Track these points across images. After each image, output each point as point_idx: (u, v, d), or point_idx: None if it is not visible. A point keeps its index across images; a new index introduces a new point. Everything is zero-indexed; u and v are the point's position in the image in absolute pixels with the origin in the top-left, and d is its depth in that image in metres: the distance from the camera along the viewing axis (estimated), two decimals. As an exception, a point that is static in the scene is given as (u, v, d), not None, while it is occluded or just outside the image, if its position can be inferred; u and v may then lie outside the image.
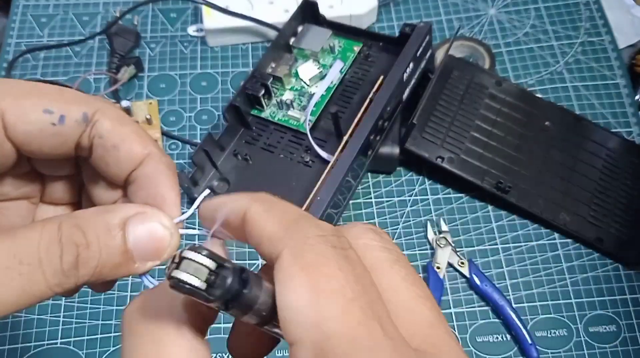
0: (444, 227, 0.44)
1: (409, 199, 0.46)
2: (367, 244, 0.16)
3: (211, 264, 0.14)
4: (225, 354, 0.40)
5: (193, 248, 0.14)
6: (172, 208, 0.18)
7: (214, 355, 0.40)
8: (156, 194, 0.18)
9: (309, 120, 0.45)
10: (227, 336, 0.18)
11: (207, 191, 0.22)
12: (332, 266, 0.13)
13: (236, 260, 0.16)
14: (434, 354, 0.14)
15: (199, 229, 0.18)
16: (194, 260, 0.13)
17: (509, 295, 0.42)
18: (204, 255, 0.14)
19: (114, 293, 0.42)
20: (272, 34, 0.53)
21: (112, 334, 0.41)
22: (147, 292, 0.16)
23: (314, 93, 0.46)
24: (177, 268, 0.14)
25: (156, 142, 0.19)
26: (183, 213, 0.18)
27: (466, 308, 0.42)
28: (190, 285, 0.13)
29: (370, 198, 0.46)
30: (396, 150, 0.45)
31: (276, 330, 0.15)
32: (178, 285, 0.13)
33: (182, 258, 0.14)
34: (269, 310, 0.14)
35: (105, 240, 0.16)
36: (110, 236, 0.16)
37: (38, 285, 0.15)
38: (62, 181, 0.21)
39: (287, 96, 0.47)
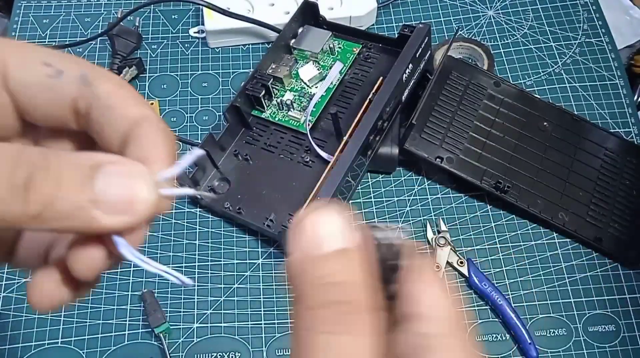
0: (443, 227, 0.44)
1: (409, 199, 0.46)
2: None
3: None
4: (227, 353, 0.40)
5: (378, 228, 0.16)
6: (159, 165, 0.16)
7: (215, 354, 0.40)
8: (147, 155, 0.16)
9: (309, 120, 0.45)
10: (232, 336, 0.18)
11: (201, 152, 0.20)
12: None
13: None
14: None
15: (183, 187, 0.16)
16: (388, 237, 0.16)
17: (508, 295, 0.42)
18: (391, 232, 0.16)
19: (114, 293, 0.42)
20: (273, 35, 0.53)
21: (113, 333, 0.41)
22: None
23: (314, 94, 0.46)
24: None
25: (150, 107, 0.18)
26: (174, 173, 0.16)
27: (465, 307, 0.42)
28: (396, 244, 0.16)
29: (370, 198, 0.47)
30: (395, 150, 0.45)
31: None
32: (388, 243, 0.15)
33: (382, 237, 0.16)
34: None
35: (68, 174, 0.14)
36: (75, 172, 0.15)
37: None
38: (59, 139, 0.20)
39: (288, 96, 0.47)
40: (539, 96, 0.49)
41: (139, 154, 0.16)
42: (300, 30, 0.50)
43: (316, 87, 0.47)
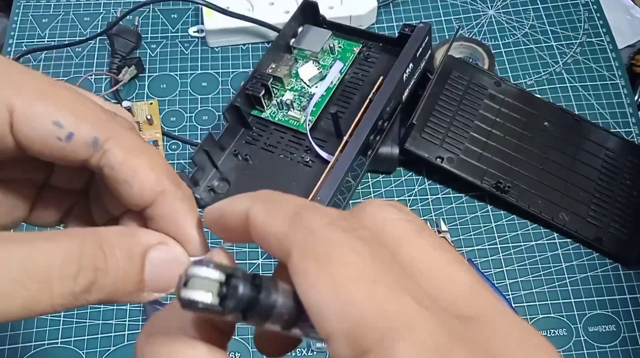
0: (444, 227, 0.44)
1: (409, 199, 0.46)
2: (387, 218, 0.15)
3: (220, 276, 0.13)
4: (237, 353, 0.40)
5: (199, 263, 0.13)
6: (193, 246, 0.17)
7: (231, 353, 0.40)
8: (177, 232, 0.17)
9: (309, 120, 0.45)
10: (235, 336, 0.18)
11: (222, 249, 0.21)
12: (345, 252, 0.12)
13: (236, 260, 0.15)
14: (480, 318, 0.13)
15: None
16: (201, 276, 0.13)
17: (509, 295, 0.42)
18: (211, 268, 0.13)
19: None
20: (273, 34, 0.53)
21: (113, 334, 0.41)
22: (154, 316, 0.16)
23: (314, 93, 0.46)
24: (185, 286, 0.13)
25: (173, 171, 0.18)
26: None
27: (466, 307, 0.42)
28: (202, 303, 0.13)
29: (370, 198, 0.46)
30: (396, 150, 0.45)
31: (306, 331, 0.14)
32: (190, 305, 0.13)
33: (188, 276, 0.13)
34: (290, 313, 0.14)
35: (125, 268, 0.15)
36: (131, 264, 0.16)
37: (42, 303, 0.14)
38: (71, 171, 0.20)
39: (287, 96, 0.47)
40: (539, 96, 0.49)
41: (169, 231, 0.17)
42: (300, 29, 0.49)
43: (316, 87, 0.47)
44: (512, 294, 0.42)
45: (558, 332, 0.41)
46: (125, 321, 0.41)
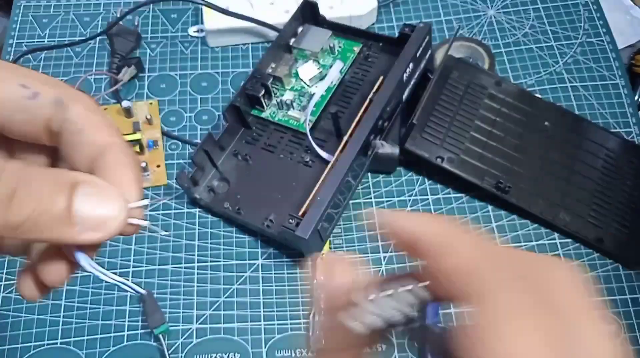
0: (444, 227, 0.44)
1: (409, 199, 0.46)
2: (563, 284, 0.15)
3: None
4: (226, 354, 0.40)
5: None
6: (128, 190, 0.18)
7: (214, 355, 0.40)
8: (115, 181, 0.18)
9: (309, 120, 0.45)
10: (231, 337, 0.18)
11: (165, 199, 0.22)
12: (528, 321, 0.13)
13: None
14: None
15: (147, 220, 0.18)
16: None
17: (509, 295, 0.42)
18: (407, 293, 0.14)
19: (114, 293, 0.42)
20: (272, 34, 0.53)
21: (112, 334, 0.41)
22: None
23: (314, 93, 0.46)
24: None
25: (120, 134, 0.19)
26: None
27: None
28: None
29: (370, 198, 0.46)
30: (396, 150, 0.45)
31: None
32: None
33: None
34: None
35: (49, 190, 0.16)
36: (55, 189, 0.16)
37: None
38: (32, 151, 0.21)
39: (287, 96, 0.47)
40: (540, 96, 0.49)
41: (107, 180, 0.17)
42: (300, 29, 0.49)
43: (316, 87, 0.47)
44: (512, 294, 0.42)
45: (558, 333, 0.41)
46: (125, 321, 0.41)
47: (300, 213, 0.39)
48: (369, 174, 0.47)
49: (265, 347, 0.40)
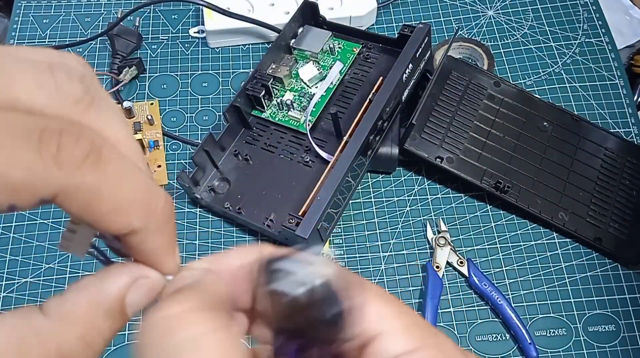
0: (443, 227, 0.44)
1: (409, 199, 0.46)
2: None
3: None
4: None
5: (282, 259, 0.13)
6: (169, 270, 0.17)
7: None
8: (153, 262, 0.16)
9: (309, 120, 0.45)
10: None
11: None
12: None
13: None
14: None
15: None
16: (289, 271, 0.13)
17: (508, 295, 0.42)
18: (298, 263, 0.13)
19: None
20: (273, 35, 0.53)
21: (113, 333, 0.41)
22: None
23: (314, 94, 0.46)
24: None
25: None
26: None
27: (465, 307, 0.42)
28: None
29: (370, 198, 0.47)
30: (395, 150, 0.45)
31: None
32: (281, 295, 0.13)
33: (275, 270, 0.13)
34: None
35: (107, 332, 0.15)
36: (112, 326, 0.16)
37: None
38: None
39: (288, 96, 0.47)
40: (539, 96, 0.49)
41: (144, 258, 0.16)
42: (300, 30, 0.50)
43: (316, 87, 0.47)
44: (511, 294, 0.42)
45: (558, 332, 0.41)
46: (126, 321, 0.41)
47: (300, 213, 0.39)
48: (369, 174, 0.48)
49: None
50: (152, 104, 0.50)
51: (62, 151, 0.13)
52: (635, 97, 0.52)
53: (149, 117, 0.49)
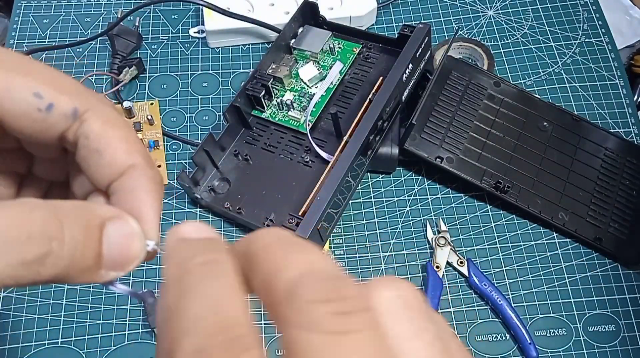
0: (443, 227, 0.44)
1: (409, 199, 0.46)
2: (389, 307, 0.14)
3: None
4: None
5: None
6: (148, 226, 0.17)
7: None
8: (134, 210, 0.17)
9: (309, 120, 0.45)
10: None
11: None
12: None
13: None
14: None
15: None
16: None
17: (508, 295, 0.42)
18: None
19: (114, 293, 0.42)
20: (273, 35, 0.53)
21: (113, 333, 0.41)
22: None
23: (314, 94, 0.46)
24: None
25: (146, 150, 0.17)
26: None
27: (465, 307, 0.42)
28: None
29: (370, 198, 0.47)
30: (395, 150, 0.45)
31: None
32: None
33: None
34: None
35: (82, 239, 0.15)
36: (88, 235, 0.15)
37: None
38: (51, 161, 0.20)
39: (288, 96, 0.47)
40: (538, 96, 0.49)
41: (128, 206, 0.17)
42: (300, 30, 0.50)
43: (316, 87, 0.47)
44: (511, 294, 0.42)
45: (558, 332, 0.41)
46: (126, 321, 0.41)
47: (300, 213, 0.39)
48: (369, 174, 0.48)
49: (265, 347, 0.41)
50: (152, 104, 0.50)
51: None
52: (635, 97, 0.52)
53: (149, 117, 0.49)
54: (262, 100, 0.46)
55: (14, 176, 0.20)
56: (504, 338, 0.41)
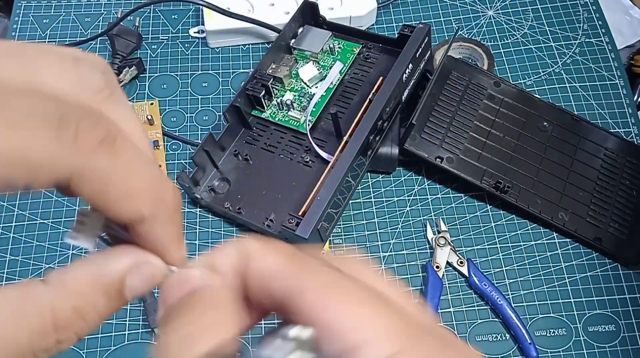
0: (443, 227, 0.44)
1: (409, 199, 0.46)
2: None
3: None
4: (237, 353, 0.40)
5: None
6: (172, 257, 0.16)
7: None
8: (157, 241, 0.16)
9: (309, 120, 0.45)
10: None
11: None
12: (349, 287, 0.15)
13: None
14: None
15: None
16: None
17: (508, 295, 0.42)
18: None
19: (115, 293, 0.42)
20: (273, 35, 0.53)
21: (113, 333, 0.41)
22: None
23: (314, 94, 0.46)
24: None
25: (158, 181, 0.16)
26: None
27: (465, 307, 0.42)
28: None
29: (370, 198, 0.47)
30: (395, 150, 0.45)
31: None
32: None
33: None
34: None
35: (106, 311, 0.15)
36: (111, 305, 0.15)
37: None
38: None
39: (288, 96, 0.47)
40: (538, 96, 0.49)
41: (151, 238, 0.16)
42: (300, 30, 0.50)
43: (316, 87, 0.47)
44: (511, 294, 0.42)
45: (558, 332, 0.41)
46: (126, 321, 0.41)
47: (300, 213, 0.39)
48: (369, 174, 0.48)
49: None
50: (152, 104, 0.50)
51: (80, 135, 0.13)
52: (635, 97, 0.52)
53: (149, 117, 0.49)
54: (262, 100, 0.46)
55: None
56: (504, 338, 0.41)
